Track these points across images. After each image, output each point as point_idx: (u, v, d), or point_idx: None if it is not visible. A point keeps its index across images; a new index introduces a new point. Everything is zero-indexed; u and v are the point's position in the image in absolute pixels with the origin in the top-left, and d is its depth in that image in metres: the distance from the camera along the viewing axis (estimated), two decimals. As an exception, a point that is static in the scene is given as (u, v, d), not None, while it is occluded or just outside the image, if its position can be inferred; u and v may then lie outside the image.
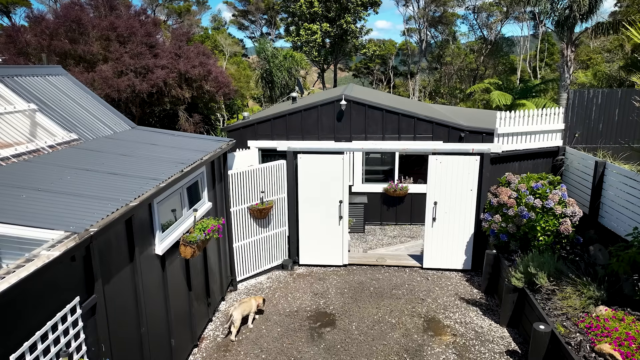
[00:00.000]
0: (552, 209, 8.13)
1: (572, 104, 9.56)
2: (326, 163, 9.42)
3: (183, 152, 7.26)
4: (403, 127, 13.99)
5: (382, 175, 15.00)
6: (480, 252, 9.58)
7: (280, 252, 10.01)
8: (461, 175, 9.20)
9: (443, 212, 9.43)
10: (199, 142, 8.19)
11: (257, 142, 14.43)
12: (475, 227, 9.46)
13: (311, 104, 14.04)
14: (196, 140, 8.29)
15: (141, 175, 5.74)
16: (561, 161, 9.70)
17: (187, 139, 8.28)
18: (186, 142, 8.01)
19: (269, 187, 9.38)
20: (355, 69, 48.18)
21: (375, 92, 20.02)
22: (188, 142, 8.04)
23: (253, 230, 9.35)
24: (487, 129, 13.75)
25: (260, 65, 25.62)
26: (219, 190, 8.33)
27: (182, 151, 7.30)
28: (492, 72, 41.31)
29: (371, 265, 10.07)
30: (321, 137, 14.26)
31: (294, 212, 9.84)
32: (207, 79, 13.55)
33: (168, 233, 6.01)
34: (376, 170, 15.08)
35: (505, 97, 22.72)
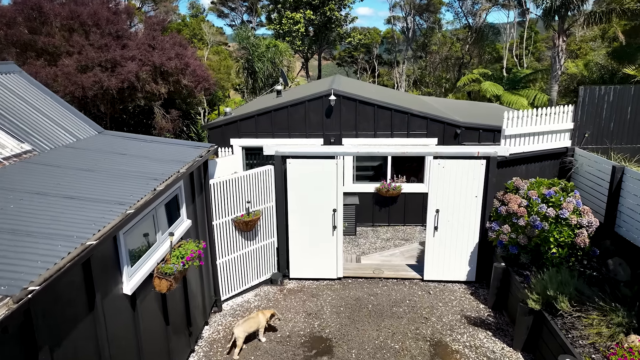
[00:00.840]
0: (566, 219, 7.45)
1: (582, 101, 8.86)
2: (318, 168, 8.55)
3: (157, 163, 6.29)
4: (396, 123, 13.20)
5: (373, 172, 14.23)
6: (484, 263, 8.89)
7: (269, 265, 9.15)
8: (465, 180, 8.44)
9: (445, 220, 8.68)
10: (176, 150, 7.22)
11: (240, 140, 13.48)
12: (479, 236, 8.74)
13: (298, 100, 13.10)
14: (172, 147, 7.31)
15: (104, 198, 4.78)
16: (570, 163, 9.03)
17: (161, 146, 7.29)
18: (161, 150, 7.04)
19: (255, 195, 8.48)
20: (339, 57, 47.10)
21: (363, 85, 19.14)
22: (163, 150, 7.06)
23: (239, 244, 8.45)
24: (484, 125, 13.05)
25: (242, 55, 24.44)
26: (200, 203, 7.40)
27: (156, 162, 6.33)
28: (477, 60, 40.74)
29: (368, 277, 9.30)
30: (309, 135, 13.38)
31: (284, 222, 8.98)
32: (184, 72, 12.46)
33: (139, 266, 5.08)
34: (368, 167, 14.28)
35: (497, 88, 22.09)
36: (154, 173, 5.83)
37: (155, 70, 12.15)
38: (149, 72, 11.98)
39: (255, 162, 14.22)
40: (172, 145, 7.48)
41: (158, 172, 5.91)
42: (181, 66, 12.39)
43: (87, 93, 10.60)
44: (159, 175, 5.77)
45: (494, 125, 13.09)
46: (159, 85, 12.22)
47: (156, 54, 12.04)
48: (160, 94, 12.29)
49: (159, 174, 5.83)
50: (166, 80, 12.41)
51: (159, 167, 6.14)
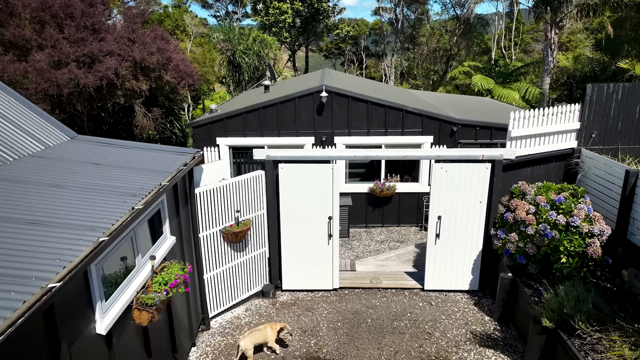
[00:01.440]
0: (577, 227, 7.01)
1: (589, 99, 8.41)
2: (312, 174, 7.97)
3: (136, 175, 5.64)
4: (390, 120, 12.67)
5: (365, 170, 13.70)
6: (488, 271, 8.44)
7: (260, 276, 8.57)
8: (469, 185, 7.94)
9: (448, 227, 8.19)
10: (158, 157, 6.55)
11: (227, 139, 12.81)
12: (483, 243, 8.28)
13: (288, 96, 12.47)
14: (153, 155, 6.64)
15: (74, 222, 4.14)
16: (576, 165, 8.59)
17: (141, 153, 6.62)
18: (140, 158, 6.37)
19: (245, 203, 7.87)
20: (326, 49, 46.30)
21: (354, 79, 18.53)
22: (143, 158, 6.40)
23: (227, 256, 7.85)
24: (480, 122, 12.59)
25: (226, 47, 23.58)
26: (185, 215, 6.76)
27: (135, 174, 5.67)
28: (465, 52, 40.35)
29: (365, 288, 8.78)
30: (300, 133, 12.78)
31: (275, 231, 8.39)
32: (166, 68, 11.69)
33: (115, 298, 4.46)
34: (360, 165, 13.73)
35: (487, 82, 21.68)
36: (133, 188, 5.18)
37: (136, 65, 11.37)
38: (129, 68, 11.20)
39: (243, 161, 13.60)
40: (153, 151, 6.81)
41: (137, 186, 5.26)
42: (163, 61, 11.62)
43: (62, 91, 9.79)
44: (138, 190, 5.12)
45: (491, 122, 12.64)
46: (139, 81, 11.44)
47: (136, 48, 11.25)
48: (141, 91, 11.53)
49: (138, 188, 5.18)
50: (147, 77, 11.64)
51: (138, 179, 5.49)
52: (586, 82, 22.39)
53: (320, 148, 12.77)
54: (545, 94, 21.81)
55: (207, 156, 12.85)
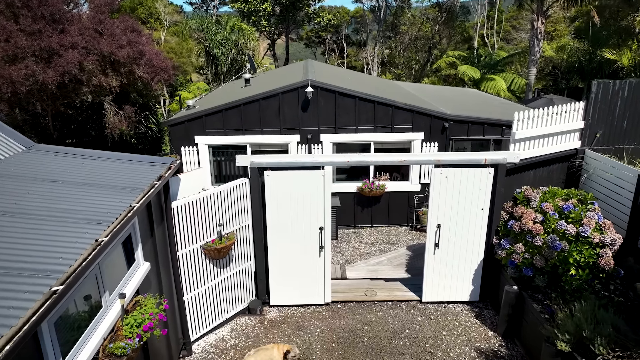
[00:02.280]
0: (588, 237, 6.53)
1: (594, 97, 7.92)
2: (301, 181, 7.29)
3: (102, 194, 4.87)
4: (379, 116, 12.05)
5: (354, 170, 13.09)
6: (489, 281, 7.95)
7: (246, 292, 7.90)
8: (471, 191, 7.39)
9: (448, 236, 7.64)
10: (128, 169, 5.77)
11: (206, 138, 12.01)
12: (485, 251, 7.77)
13: (271, 92, 11.70)
14: (123, 167, 5.85)
15: (22, 265, 3.39)
16: (579, 167, 8.13)
17: (110, 165, 5.82)
18: (108, 172, 5.58)
19: (228, 215, 7.15)
20: (306, 38, 45.25)
21: (338, 71, 17.80)
22: (111, 171, 5.61)
23: (210, 274, 7.14)
24: (473, 118, 12.06)
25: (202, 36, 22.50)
26: (160, 234, 6.02)
27: (101, 193, 4.90)
28: (447, 41, 39.89)
29: (359, 301, 8.20)
30: (284, 131, 12.06)
31: (262, 244, 7.71)
32: (138, 62, 10.76)
33: (76, 352, 3.73)
34: (349, 167, 13.10)
35: (474, 72, 21.22)
36: (97, 212, 4.42)
37: (104, 60, 10.42)
38: (96, 63, 10.25)
39: (224, 159, 12.80)
40: (123, 162, 6.01)
41: (102, 209, 4.50)
42: (135, 55, 10.69)
43: (18, 88, 8.81)
44: (104, 215, 4.37)
45: (483, 118, 12.14)
46: (109, 77, 10.51)
47: (104, 40, 10.29)
48: (111, 88, 10.60)
49: (103, 213, 4.42)
50: (117, 72, 10.70)
51: (104, 200, 4.72)
52: (572, 72, 22.16)
53: (305, 146, 12.09)
54: (531, 85, 21.50)
55: (185, 156, 12.04)
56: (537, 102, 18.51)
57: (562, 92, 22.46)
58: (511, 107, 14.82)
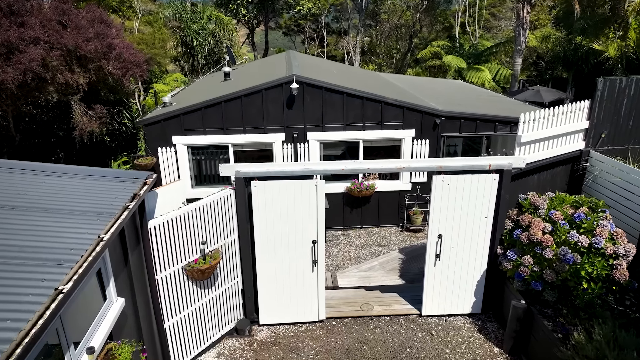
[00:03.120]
0: (601, 249, 6.12)
1: (600, 96, 7.48)
2: (291, 191, 6.66)
3: (65, 223, 4.15)
4: (368, 113, 11.46)
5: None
6: (492, 291, 7.51)
7: (233, 311, 7.27)
8: (474, 199, 6.89)
9: (449, 247, 7.14)
10: (96, 188, 5.03)
11: (184, 138, 11.22)
12: (488, 261, 7.31)
13: (253, 88, 10.97)
14: (91, 184, 5.11)
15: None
16: (583, 169, 7.72)
17: (75, 183, 5.07)
18: (73, 193, 4.84)
19: (212, 230, 6.48)
20: (285, 26, 44.14)
21: (322, 63, 17.07)
22: (77, 192, 4.87)
23: (193, 296, 6.48)
24: (465, 114, 11.58)
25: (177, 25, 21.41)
26: (136, 259, 5.32)
27: (63, 221, 4.18)
28: (428, 30, 39.41)
29: (355, 317, 7.66)
30: (268, 130, 11.37)
31: (249, 259, 7.07)
32: (108, 57, 9.86)
33: None
34: (336, 163, 12.50)
35: (460, 62, 20.78)
36: (58, 249, 3.71)
37: (70, 55, 9.49)
38: (61, 58, 9.33)
39: (203, 159, 12.07)
40: (91, 179, 5.26)
41: (65, 244, 3.79)
42: (103, 49, 9.78)
43: (-30, 89, 7.89)
44: (66, 253, 3.67)
45: (476, 114, 11.67)
46: (75, 74, 9.59)
47: (69, 34, 9.35)
48: (78, 86, 9.69)
49: (65, 250, 3.72)
50: (85, 68, 9.79)
51: (67, 232, 4.01)
52: (556, 62, 21.94)
53: (291, 145, 11.44)
54: (517, 75, 21.20)
55: (162, 158, 11.24)
56: (524, 94, 18.21)
57: (546, 83, 22.26)
58: (501, 101, 14.42)
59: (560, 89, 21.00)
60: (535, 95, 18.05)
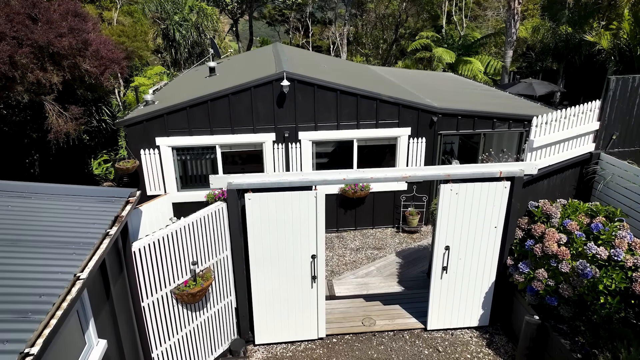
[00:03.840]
0: (620, 261, 5.76)
1: (612, 95, 7.09)
2: (289, 203, 6.14)
3: (33, 259, 3.56)
4: (363, 111, 10.96)
5: (334, 168, 12.01)
6: (500, 303, 7.14)
7: (227, 331, 6.75)
8: (483, 208, 6.46)
9: (457, 259, 6.72)
10: (71, 212, 4.44)
11: (169, 139, 10.58)
12: (497, 272, 6.92)
13: (242, 85, 10.36)
14: (65, 207, 4.51)
15: None
16: (593, 173, 7.35)
17: (47, 206, 4.47)
18: (44, 218, 4.23)
19: (203, 248, 5.93)
20: (269, 16, 43.15)
21: (311, 57, 16.45)
22: (49, 217, 4.27)
23: (183, 320, 5.94)
24: (462, 111, 11.15)
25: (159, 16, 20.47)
26: (119, 289, 4.76)
27: (31, 257, 3.59)
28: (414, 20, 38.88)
29: (357, 333, 7.21)
30: (258, 129, 10.79)
31: (243, 276, 6.55)
32: (84, 53, 9.12)
33: None
34: (329, 164, 12.01)
35: (450, 55, 20.36)
36: (25, 296, 3.14)
37: (42, 52, 8.74)
38: (31, 56, 8.57)
39: (189, 158, 11.47)
40: (65, 200, 4.65)
41: (33, 290, 3.22)
42: (79, 45, 9.03)
43: None
44: (34, 302, 3.09)
45: (474, 111, 11.26)
46: (48, 72, 8.84)
47: (39, 29, 8.59)
48: (52, 85, 8.95)
49: (34, 296, 3.15)
50: (59, 66, 9.04)
51: (36, 270, 3.43)
52: (546, 54, 21.67)
53: (282, 145, 10.88)
54: (507, 67, 20.88)
55: (144, 160, 10.59)
56: (517, 87, 17.88)
57: (536, 74, 22.00)
58: (496, 95, 14.04)
59: (551, 80, 20.76)
60: (527, 88, 17.73)
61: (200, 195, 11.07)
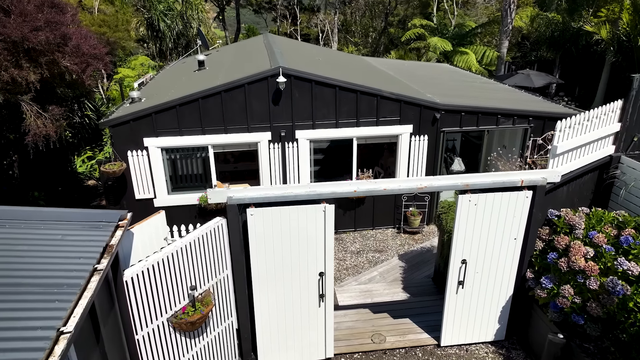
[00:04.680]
0: (652, 277, 5.38)
1: (635, 95, 6.66)
2: (295, 218, 5.62)
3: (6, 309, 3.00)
4: (363, 108, 10.44)
5: (333, 166, 11.53)
6: (517, 316, 6.76)
7: (228, 354, 6.25)
8: (503, 219, 6.02)
9: (473, 272, 6.29)
10: (54, 241, 3.85)
11: (157, 140, 9.95)
12: (515, 285, 6.52)
13: (235, 82, 9.75)
14: (46, 236, 3.92)
15: None
16: (612, 177, 6.96)
17: (24, 237, 3.87)
18: (21, 252, 3.65)
19: (202, 269, 5.39)
20: (256, 4, 42.03)
21: (305, 48, 15.79)
22: (26, 251, 3.68)
23: (182, 349, 5.41)
24: (466, 107, 10.68)
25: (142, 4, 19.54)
26: (111, 326, 4.21)
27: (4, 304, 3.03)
28: (404, 7, 38.20)
29: (367, 351, 6.77)
30: (252, 128, 10.21)
31: (245, 296, 6.03)
32: (63, 49, 8.39)
33: None
34: (327, 164, 11.51)
35: (446, 44, 19.84)
36: (-3, 366, 2.59)
37: (16, 47, 7.99)
38: (5, 52, 7.83)
39: (179, 158, 10.87)
40: (46, 227, 4.05)
41: (7, 356, 2.66)
42: (57, 40, 8.28)
43: None
44: (9, 373, 2.54)
45: (478, 107, 10.79)
46: (24, 70, 8.10)
47: (13, 22, 7.83)
48: (29, 84, 8.22)
49: (8, 365, 2.59)
50: (36, 62, 8.30)
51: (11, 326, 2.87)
52: (541, 43, 21.28)
53: (278, 145, 10.32)
54: (503, 58, 20.47)
55: (132, 163, 9.94)
56: (514, 79, 17.48)
57: (531, 65, 21.63)
58: (496, 89, 13.59)
59: (546, 70, 20.41)
60: (525, 79, 17.34)
61: (192, 198, 10.48)
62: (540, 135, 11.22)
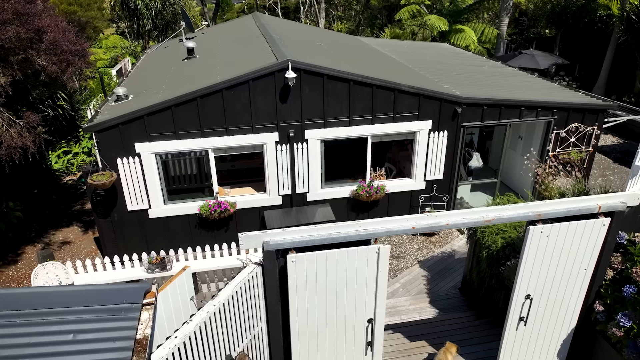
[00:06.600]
0: None
1: None
2: (343, 262, 4.72)
3: None
4: (379, 103, 9.50)
5: (345, 164, 10.63)
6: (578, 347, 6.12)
7: (259, 411, 5.42)
8: (575, 250, 5.26)
9: (537, 306, 5.56)
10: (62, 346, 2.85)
11: (151, 145, 8.83)
12: (579, 317, 5.85)
13: (237, 79, 8.66)
14: (53, 341, 2.91)
15: None
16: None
17: (19, 343, 2.85)
18: None
19: (236, 329, 4.47)
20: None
21: (301, 30, 14.50)
22: None
23: None
24: (489, 99, 9.86)
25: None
26: None
27: None
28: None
29: (414, 395, 6.06)
30: (257, 129, 9.19)
31: (281, 349, 5.16)
32: (37, 45, 7.04)
33: None
34: (340, 164, 10.57)
35: (443, 23, 18.81)
36: None
37: (-20, 45, 6.64)
38: (-33, 52, 6.49)
39: (176, 166, 9.85)
40: (47, 324, 3.02)
41: None
42: (29, 35, 6.95)
43: None
44: None
45: (500, 99, 10.00)
46: (-8, 71, 6.79)
47: (-25, 15, 6.47)
48: (-2, 87, 6.90)
49: None
50: (5, 62, 6.97)
51: None
52: (540, 19, 20.44)
53: (287, 146, 9.31)
54: (503, 36, 19.59)
55: (123, 171, 8.80)
56: (518, 60, 16.67)
57: (530, 42, 20.83)
58: (509, 74, 12.74)
59: (546, 49, 19.66)
60: (530, 60, 16.56)
61: (191, 207, 9.45)
62: (563, 128, 10.53)
